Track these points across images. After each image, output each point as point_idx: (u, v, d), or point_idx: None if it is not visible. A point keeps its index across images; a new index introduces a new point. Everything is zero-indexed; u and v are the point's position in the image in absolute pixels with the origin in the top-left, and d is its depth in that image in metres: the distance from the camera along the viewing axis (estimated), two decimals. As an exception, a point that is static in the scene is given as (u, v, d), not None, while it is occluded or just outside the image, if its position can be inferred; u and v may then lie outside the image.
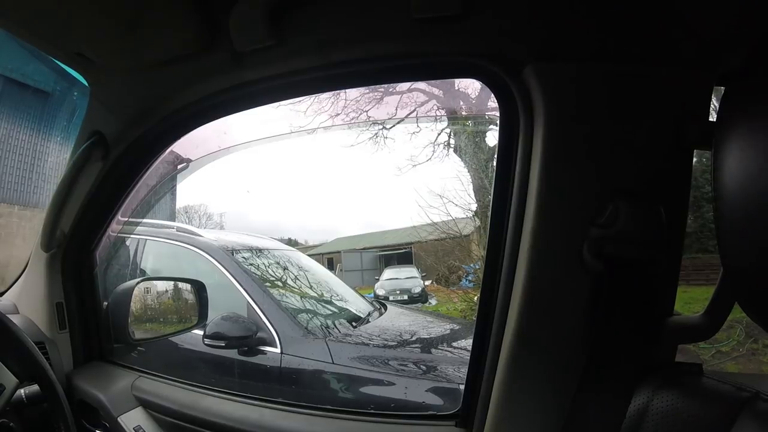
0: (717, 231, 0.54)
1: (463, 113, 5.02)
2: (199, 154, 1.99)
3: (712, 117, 0.78)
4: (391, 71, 1.06)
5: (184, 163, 2.26)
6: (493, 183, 0.97)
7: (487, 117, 4.75)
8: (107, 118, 1.22)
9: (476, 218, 5.22)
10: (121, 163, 1.30)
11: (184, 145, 1.44)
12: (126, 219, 1.62)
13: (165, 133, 1.27)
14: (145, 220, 3.15)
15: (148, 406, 1.38)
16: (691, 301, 0.85)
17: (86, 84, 1.18)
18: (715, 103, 0.79)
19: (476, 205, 5.10)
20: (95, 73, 1.13)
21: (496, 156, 0.97)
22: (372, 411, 1.22)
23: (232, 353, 2.55)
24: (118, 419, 1.31)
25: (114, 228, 1.51)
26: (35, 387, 1.19)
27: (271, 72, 1.06)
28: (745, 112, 0.53)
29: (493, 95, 0.95)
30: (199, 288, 1.96)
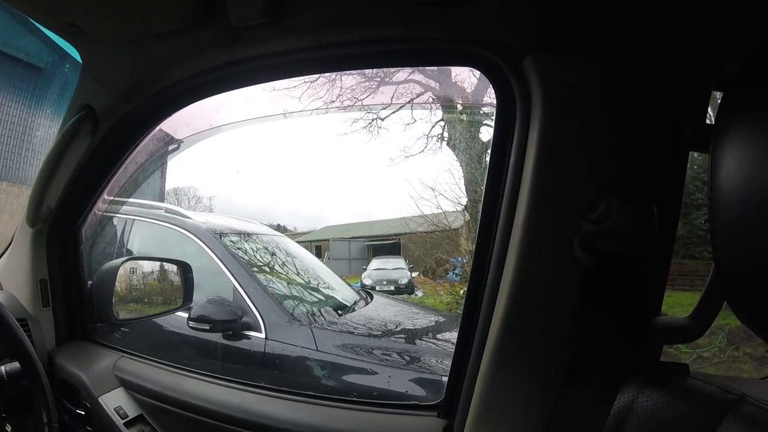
0: (711, 230, 0.54)
1: (459, 107, 5.01)
2: (190, 132, 1.97)
3: (709, 121, 0.79)
4: (389, 55, 1.04)
5: (175, 144, 2.23)
6: (486, 173, 0.97)
7: (482, 112, 4.75)
8: (98, 91, 1.19)
9: (466, 212, 5.24)
10: (110, 138, 1.27)
11: (174, 123, 1.42)
12: (114, 197, 1.60)
13: (156, 109, 1.25)
14: (133, 200, 3.12)
15: (129, 386, 1.36)
16: (674, 305, 0.86)
17: (78, 57, 1.16)
18: (711, 112, 0.79)
19: (467, 199, 5.12)
20: (88, 44, 1.10)
21: (490, 147, 0.97)
22: (354, 399, 1.22)
23: (217, 337, 2.55)
24: (99, 399, 1.30)
25: (101, 206, 1.49)
26: (16, 364, 1.18)
27: (266, 50, 1.04)
28: (745, 115, 0.53)
29: (489, 89, 0.94)
30: (184, 269, 1.93)
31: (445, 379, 1.09)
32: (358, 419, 1.15)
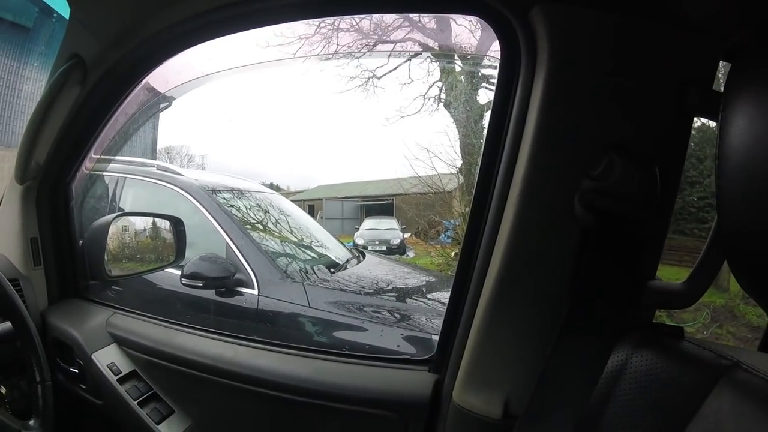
0: (718, 191, 0.54)
1: (457, 67, 4.91)
2: (182, 80, 1.90)
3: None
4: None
5: (167, 100, 2.18)
6: (488, 126, 0.94)
7: (481, 73, 4.67)
8: (86, 39, 1.14)
9: (460, 175, 5.21)
10: (99, 87, 1.23)
11: (166, 73, 1.36)
12: (104, 152, 1.56)
13: (147, 56, 1.20)
14: (124, 158, 3.08)
15: (122, 342, 1.37)
16: (661, 278, 0.86)
17: (65, 7, 1.11)
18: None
19: (461, 161, 5.09)
20: None
21: (488, 108, 0.95)
22: (346, 352, 1.24)
23: (209, 293, 2.58)
24: (92, 356, 1.31)
25: (92, 162, 1.46)
26: (8, 324, 1.18)
27: None
28: (758, 76, 0.53)
29: (489, 49, 0.92)
30: (175, 223, 1.90)
31: (435, 337, 1.10)
32: (349, 372, 1.16)
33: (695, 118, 0.81)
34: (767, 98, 0.50)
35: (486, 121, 0.97)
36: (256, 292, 2.57)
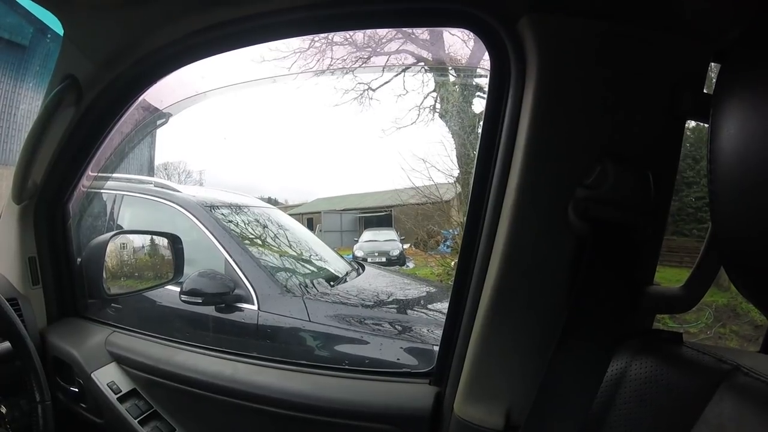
0: (711, 196, 0.54)
1: (451, 78, 4.95)
2: (177, 98, 1.91)
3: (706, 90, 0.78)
4: (382, 15, 1.02)
5: (162, 117, 2.19)
6: (480, 138, 0.95)
7: (474, 83, 4.70)
8: (80, 60, 1.15)
9: (458, 184, 5.23)
10: (94, 107, 1.24)
11: (160, 91, 1.37)
12: (101, 171, 1.57)
13: (140, 76, 1.21)
14: (121, 175, 3.08)
15: (121, 361, 1.36)
16: (662, 280, 0.85)
17: (59, 29, 1.12)
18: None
19: (458, 171, 5.10)
20: (69, 10, 1.05)
21: (484, 111, 0.95)
22: (346, 367, 1.23)
23: (209, 310, 2.56)
24: (92, 375, 1.30)
25: (89, 180, 1.46)
26: (7, 344, 1.18)
27: (253, 10, 1.01)
28: (748, 78, 0.53)
29: (482, 60, 0.93)
30: (174, 240, 1.91)
31: (437, 348, 1.10)
32: (350, 387, 1.16)
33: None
34: (758, 99, 0.51)
35: (481, 126, 0.97)
36: (255, 307, 2.55)
